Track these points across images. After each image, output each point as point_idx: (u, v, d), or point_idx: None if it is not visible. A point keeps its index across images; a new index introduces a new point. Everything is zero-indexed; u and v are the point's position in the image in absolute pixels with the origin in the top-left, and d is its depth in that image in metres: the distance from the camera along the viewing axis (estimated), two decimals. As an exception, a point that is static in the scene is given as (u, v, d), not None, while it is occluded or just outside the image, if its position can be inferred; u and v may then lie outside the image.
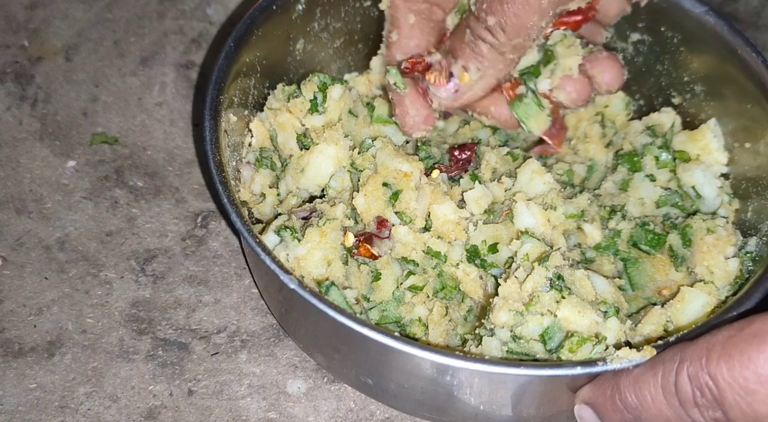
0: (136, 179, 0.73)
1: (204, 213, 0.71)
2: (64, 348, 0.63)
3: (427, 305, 0.60)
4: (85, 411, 0.60)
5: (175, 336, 0.64)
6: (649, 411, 0.44)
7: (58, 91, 0.78)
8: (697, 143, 0.65)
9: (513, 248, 0.58)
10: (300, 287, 0.50)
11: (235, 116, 0.61)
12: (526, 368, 0.48)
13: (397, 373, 0.54)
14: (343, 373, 0.60)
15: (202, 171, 0.74)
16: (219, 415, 0.60)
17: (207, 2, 0.86)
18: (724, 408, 0.39)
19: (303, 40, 0.68)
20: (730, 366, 0.39)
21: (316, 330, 0.57)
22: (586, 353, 0.52)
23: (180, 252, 0.69)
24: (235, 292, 0.67)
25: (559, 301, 0.53)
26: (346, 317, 0.49)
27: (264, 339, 0.64)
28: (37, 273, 0.67)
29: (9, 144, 0.74)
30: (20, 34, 0.82)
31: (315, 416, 0.61)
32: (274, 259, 0.51)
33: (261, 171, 0.63)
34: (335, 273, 0.57)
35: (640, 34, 0.69)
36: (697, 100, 0.67)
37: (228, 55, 0.60)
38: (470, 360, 0.48)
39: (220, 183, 0.54)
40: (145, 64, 0.81)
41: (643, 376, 0.44)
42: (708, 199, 0.64)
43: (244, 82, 0.63)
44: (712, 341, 0.41)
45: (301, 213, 0.60)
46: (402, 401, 0.58)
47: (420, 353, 0.48)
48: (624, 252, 0.63)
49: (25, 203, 0.71)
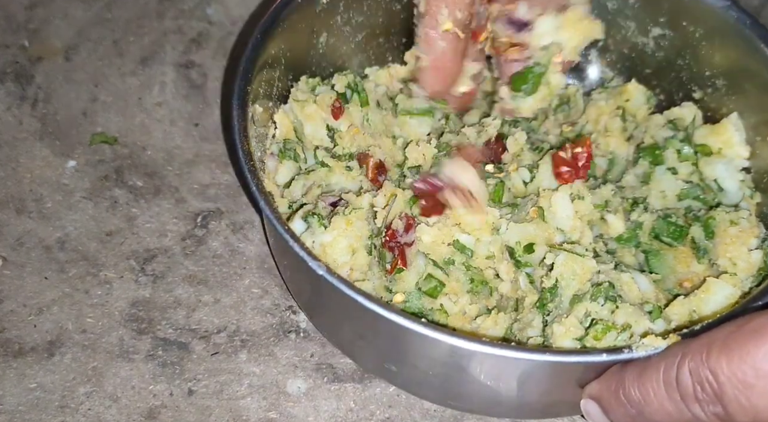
0: (135, 179, 0.73)
1: (204, 213, 0.71)
2: (64, 348, 0.63)
3: (450, 298, 0.60)
4: (86, 411, 0.60)
5: (175, 336, 0.64)
6: (651, 406, 0.44)
7: (58, 91, 0.78)
8: (718, 137, 0.65)
9: (546, 249, 0.59)
10: (328, 273, 0.50)
11: (261, 107, 0.62)
12: (556, 355, 0.48)
13: (422, 360, 0.54)
14: (368, 360, 0.61)
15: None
16: (219, 415, 0.60)
17: (207, 2, 0.86)
18: (724, 402, 0.40)
19: (326, 34, 0.68)
20: (730, 360, 0.39)
21: (341, 316, 0.57)
22: (610, 340, 0.52)
23: (180, 252, 0.69)
24: (235, 292, 0.67)
25: (614, 311, 0.54)
26: (373, 302, 0.49)
27: (264, 338, 0.64)
28: (37, 273, 0.67)
29: (9, 144, 0.74)
30: (20, 34, 0.82)
31: (315, 416, 0.61)
32: (303, 246, 0.51)
33: (285, 162, 0.64)
34: (359, 261, 0.58)
35: (661, 28, 0.69)
36: (718, 94, 0.67)
37: (255, 47, 0.61)
38: (498, 347, 0.48)
39: (249, 171, 0.55)
40: (144, 63, 0.81)
41: (646, 371, 0.44)
42: (730, 192, 0.64)
43: (270, 73, 0.64)
44: (713, 337, 0.41)
45: (330, 199, 0.60)
46: (426, 388, 0.58)
47: (446, 339, 0.48)
48: (646, 243, 0.63)
49: (25, 203, 0.71)
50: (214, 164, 0.74)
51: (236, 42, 0.83)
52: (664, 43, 0.70)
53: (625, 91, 0.70)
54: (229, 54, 0.83)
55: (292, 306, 0.66)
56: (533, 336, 0.56)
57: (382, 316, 0.49)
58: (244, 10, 0.86)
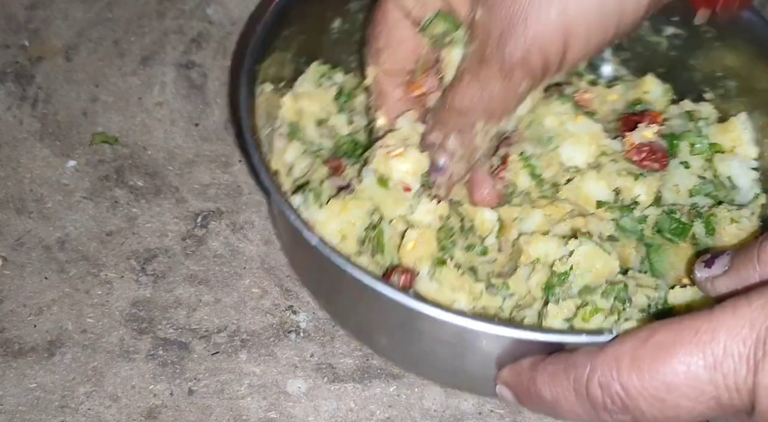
0: (136, 179, 0.73)
1: (204, 213, 0.71)
2: (64, 347, 0.63)
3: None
4: (86, 411, 0.60)
5: (176, 336, 0.64)
6: (563, 407, 0.46)
7: (58, 91, 0.78)
8: (728, 134, 0.65)
9: (570, 247, 0.58)
10: (321, 243, 0.50)
11: (271, 86, 0.63)
12: (550, 334, 0.49)
13: (406, 331, 0.54)
14: (360, 334, 0.61)
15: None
16: (219, 415, 0.60)
17: (207, 2, 0.86)
18: (634, 414, 0.42)
19: (340, 19, 0.68)
20: (641, 377, 0.41)
21: (335, 289, 0.57)
22: (598, 322, 0.53)
23: (180, 252, 0.69)
24: (235, 292, 0.67)
25: (620, 313, 0.54)
26: (359, 271, 0.49)
27: (264, 338, 0.64)
28: (37, 273, 0.67)
29: (9, 144, 0.74)
30: (20, 34, 0.82)
31: (315, 416, 0.61)
32: (299, 216, 0.52)
33: (293, 143, 0.64)
34: (346, 249, 0.58)
35: (674, 27, 0.69)
36: (728, 95, 0.67)
37: (266, 27, 0.61)
38: (489, 322, 0.48)
39: (250, 144, 0.55)
40: (145, 63, 0.81)
41: (556, 377, 0.46)
42: (743, 189, 0.64)
43: (280, 55, 0.64)
44: (620, 351, 0.43)
45: (339, 182, 0.60)
46: (414, 362, 0.59)
47: (405, 301, 0.48)
48: (649, 237, 0.63)
49: (25, 203, 0.71)
50: (214, 164, 0.74)
51: (238, 41, 0.84)
52: (677, 42, 0.69)
53: (642, 84, 0.70)
54: (233, 54, 0.83)
55: (292, 306, 0.66)
56: (528, 315, 0.57)
57: (371, 287, 0.48)
58: (244, 10, 0.86)
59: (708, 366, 0.40)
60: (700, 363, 0.40)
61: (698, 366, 0.40)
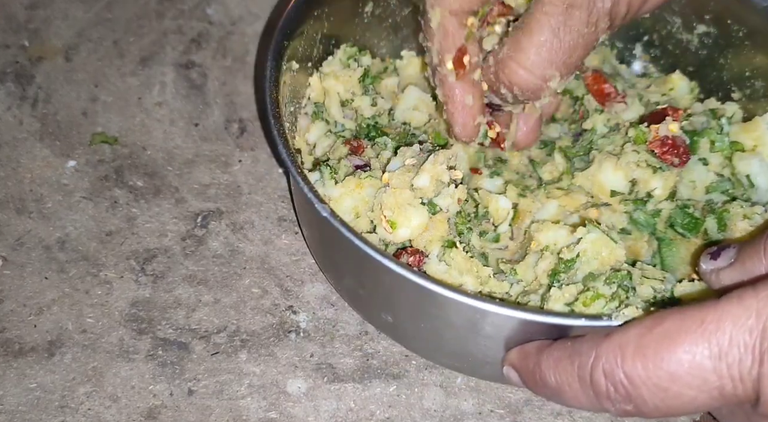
0: (135, 179, 0.73)
1: (204, 213, 0.71)
2: (64, 347, 0.63)
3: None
4: (86, 411, 0.60)
5: (175, 336, 0.64)
6: (566, 394, 0.46)
7: (58, 91, 0.78)
8: (751, 134, 0.65)
9: (578, 234, 0.58)
10: (332, 216, 0.51)
11: (298, 64, 0.63)
12: (547, 316, 0.48)
13: (412, 309, 0.54)
14: (367, 311, 0.61)
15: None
16: (219, 415, 0.60)
17: (207, 2, 0.86)
18: (637, 403, 0.42)
19: (372, 3, 0.69)
20: (645, 365, 0.41)
21: (343, 262, 0.57)
22: (598, 308, 0.53)
23: (180, 252, 0.69)
24: (234, 292, 0.67)
25: (622, 301, 0.54)
26: (367, 245, 0.49)
27: (264, 338, 0.64)
28: (37, 273, 0.67)
29: (9, 144, 0.74)
30: (20, 34, 0.82)
31: (315, 416, 0.61)
32: (312, 189, 0.52)
33: (316, 123, 0.65)
34: (361, 227, 0.58)
35: (706, 26, 0.69)
36: (755, 95, 0.67)
37: (298, 5, 0.62)
38: (490, 303, 0.48)
39: (273, 116, 0.55)
40: (144, 63, 0.81)
41: (561, 363, 0.46)
42: (761, 188, 0.64)
43: (310, 35, 0.65)
44: (624, 338, 0.43)
45: (357, 161, 0.61)
46: (419, 341, 0.59)
47: (428, 285, 0.48)
48: (661, 231, 0.63)
49: (25, 203, 0.71)
50: (214, 164, 0.74)
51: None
52: (708, 40, 0.70)
53: (669, 81, 0.70)
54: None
55: (292, 306, 0.66)
56: (534, 300, 0.57)
57: (373, 258, 0.49)
58: (244, 10, 0.86)
59: (713, 355, 0.39)
60: (705, 352, 0.40)
61: (703, 356, 0.40)
